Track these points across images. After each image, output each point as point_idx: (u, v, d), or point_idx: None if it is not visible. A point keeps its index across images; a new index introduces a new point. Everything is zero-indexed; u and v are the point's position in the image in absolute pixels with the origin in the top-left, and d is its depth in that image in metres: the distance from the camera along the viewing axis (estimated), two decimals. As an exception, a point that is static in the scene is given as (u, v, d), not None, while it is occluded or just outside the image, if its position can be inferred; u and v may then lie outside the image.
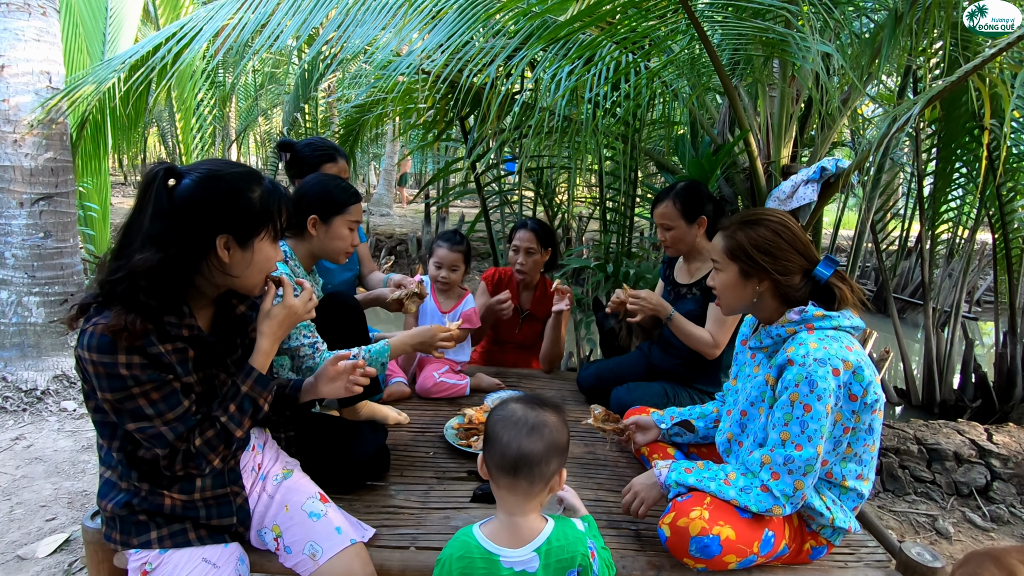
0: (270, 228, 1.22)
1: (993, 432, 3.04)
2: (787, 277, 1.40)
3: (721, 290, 1.50)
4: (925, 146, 3.98)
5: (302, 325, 1.65)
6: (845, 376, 1.30)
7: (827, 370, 1.29)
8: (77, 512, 2.41)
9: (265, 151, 16.83)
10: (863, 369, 1.31)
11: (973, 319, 7.07)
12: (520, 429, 1.12)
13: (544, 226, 2.65)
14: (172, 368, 1.17)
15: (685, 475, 1.45)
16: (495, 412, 1.19)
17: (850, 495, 1.42)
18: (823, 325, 1.36)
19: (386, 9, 2.35)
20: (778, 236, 1.40)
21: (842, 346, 1.32)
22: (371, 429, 1.81)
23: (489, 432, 1.16)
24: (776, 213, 1.44)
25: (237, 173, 1.20)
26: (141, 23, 6.45)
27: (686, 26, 2.30)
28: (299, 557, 1.31)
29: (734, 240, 1.43)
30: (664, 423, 1.82)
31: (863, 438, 1.38)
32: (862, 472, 1.41)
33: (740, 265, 1.43)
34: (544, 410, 1.17)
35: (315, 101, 7.90)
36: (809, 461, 1.31)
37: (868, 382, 1.31)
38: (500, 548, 1.12)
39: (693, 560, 1.36)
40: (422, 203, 11.43)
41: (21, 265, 3.45)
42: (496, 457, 1.13)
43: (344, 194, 1.82)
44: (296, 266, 1.77)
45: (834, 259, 1.40)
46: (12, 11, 3.31)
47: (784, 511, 1.35)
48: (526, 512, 1.15)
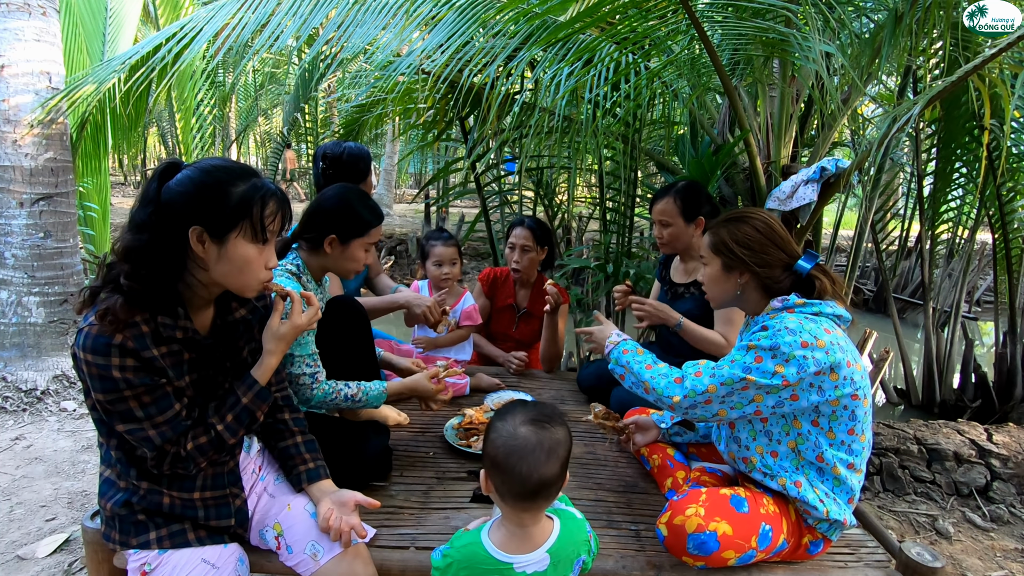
0: (246, 225, 1.17)
1: (993, 432, 3.04)
2: (766, 270, 1.48)
3: (707, 283, 1.59)
4: (925, 146, 3.98)
5: (305, 353, 1.63)
6: (817, 353, 1.33)
7: (796, 339, 1.33)
8: (77, 512, 2.41)
9: (265, 151, 16.83)
10: (836, 350, 1.34)
11: (973, 319, 7.07)
12: (537, 457, 1.10)
13: (541, 224, 2.66)
14: (165, 372, 1.17)
15: (623, 355, 1.57)
16: (501, 437, 1.14)
17: (843, 488, 1.43)
18: (804, 310, 1.42)
19: (386, 9, 2.35)
20: (757, 232, 1.49)
21: (820, 327, 1.36)
22: (374, 430, 1.81)
23: (501, 461, 1.12)
24: (758, 212, 1.54)
25: (225, 168, 1.18)
26: (141, 23, 6.46)
27: (686, 26, 2.30)
28: (300, 556, 1.31)
29: (717, 236, 1.53)
30: (664, 423, 1.82)
31: (845, 423, 1.39)
32: (853, 463, 1.42)
33: (723, 259, 1.52)
34: (552, 426, 1.15)
35: (315, 101, 7.90)
36: (733, 378, 1.37)
37: (838, 362, 1.34)
38: (512, 556, 1.12)
39: (692, 558, 1.36)
40: (422, 203, 11.43)
41: (21, 265, 3.45)
42: (515, 487, 1.11)
43: (368, 215, 1.74)
44: (308, 281, 1.73)
45: (814, 253, 1.47)
46: (12, 11, 3.31)
47: (681, 404, 1.42)
48: (538, 521, 1.15)
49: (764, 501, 1.43)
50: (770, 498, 1.45)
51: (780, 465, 1.45)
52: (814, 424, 1.40)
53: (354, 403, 1.70)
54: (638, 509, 1.68)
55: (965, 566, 2.37)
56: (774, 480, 1.45)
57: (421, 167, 13.25)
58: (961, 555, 2.44)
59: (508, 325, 2.80)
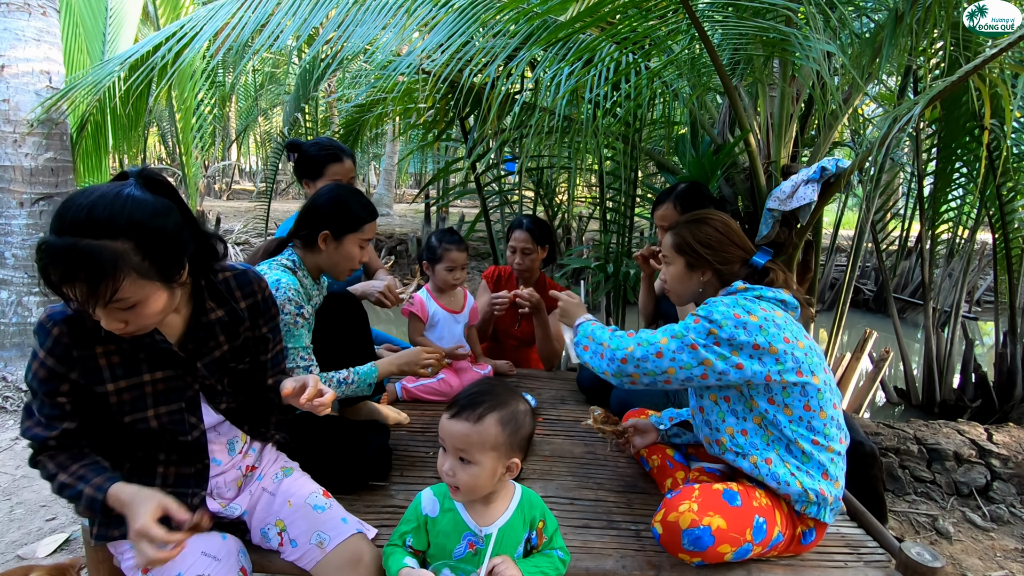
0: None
1: (993, 432, 3.04)
2: (727, 266, 1.59)
3: (671, 282, 1.69)
4: (925, 146, 3.98)
5: (300, 346, 1.63)
6: (750, 325, 1.40)
7: (728, 311, 1.43)
8: (72, 511, 2.41)
9: (265, 151, 16.84)
10: (770, 325, 1.42)
11: (973, 319, 7.07)
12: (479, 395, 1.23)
13: (539, 223, 2.67)
14: (99, 372, 1.16)
15: (591, 327, 1.65)
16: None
17: (812, 462, 1.45)
18: (745, 294, 1.51)
19: (386, 9, 2.35)
20: (717, 231, 1.59)
21: (756, 306, 1.45)
22: (373, 429, 1.81)
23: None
24: (717, 213, 1.66)
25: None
26: (141, 23, 6.46)
27: (687, 26, 2.30)
28: (305, 548, 1.31)
29: (680, 236, 1.62)
30: (663, 424, 1.82)
31: (798, 398, 1.43)
32: (817, 439, 1.45)
33: (686, 258, 1.62)
34: (510, 401, 1.22)
35: (315, 101, 7.90)
36: (683, 334, 1.45)
37: (774, 336, 1.41)
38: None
39: (688, 554, 1.36)
40: (422, 203, 11.44)
41: (21, 265, 3.45)
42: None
43: (361, 211, 1.75)
44: (304, 276, 1.74)
45: (768, 250, 1.59)
46: (12, 11, 3.31)
47: (634, 353, 1.49)
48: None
49: (757, 495, 1.44)
50: (762, 492, 1.46)
51: (751, 443, 1.48)
52: (770, 402, 1.46)
53: (347, 387, 1.70)
54: (638, 509, 1.68)
55: (965, 566, 2.37)
56: (746, 459, 1.48)
57: (421, 167, 13.27)
58: (961, 555, 2.44)
59: (511, 323, 2.81)
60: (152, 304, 1.08)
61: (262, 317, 1.37)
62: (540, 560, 1.25)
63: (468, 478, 1.16)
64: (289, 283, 1.63)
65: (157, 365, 1.22)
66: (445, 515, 1.24)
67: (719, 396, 1.53)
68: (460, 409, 1.18)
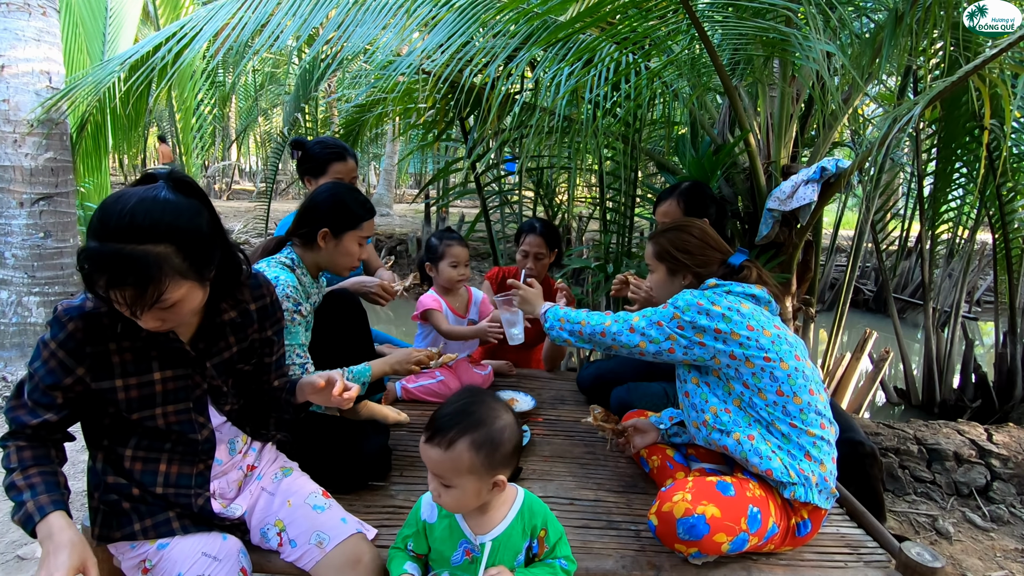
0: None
1: (993, 432, 3.04)
2: (706, 268, 1.68)
3: (655, 288, 1.77)
4: (925, 146, 3.98)
5: (296, 343, 1.63)
6: (712, 312, 1.49)
7: (692, 299, 1.53)
8: (77, 512, 2.38)
9: (265, 151, 16.84)
10: (733, 314, 1.49)
11: (973, 319, 7.07)
12: (459, 406, 1.21)
13: (550, 228, 2.67)
14: (109, 368, 1.17)
15: (560, 311, 1.75)
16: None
17: (793, 444, 1.48)
18: (715, 290, 1.59)
19: (386, 9, 2.35)
20: (695, 237, 1.69)
21: (721, 298, 1.53)
22: (373, 429, 1.81)
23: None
24: (693, 221, 1.76)
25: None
26: (141, 23, 6.46)
27: (687, 26, 2.30)
28: (305, 547, 1.31)
29: (660, 245, 1.72)
30: (663, 424, 1.82)
31: (769, 383, 1.48)
32: (794, 423, 1.48)
33: (667, 264, 1.71)
34: (495, 413, 1.20)
35: (315, 101, 7.90)
36: (653, 316, 1.57)
37: (736, 323, 1.48)
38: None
39: (684, 544, 1.36)
40: (422, 203, 11.43)
41: (21, 265, 3.45)
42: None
43: (359, 208, 1.76)
44: (303, 274, 1.75)
45: (744, 250, 1.68)
46: (12, 11, 3.31)
47: (610, 328, 1.61)
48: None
49: (750, 486, 1.45)
50: (756, 483, 1.47)
51: (733, 420, 1.53)
52: (745, 386, 1.51)
53: None
54: (638, 509, 1.68)
55: (965, 566, 2.37)
56: (729, 436, 1.51)
57: (421, 167, 13.26)
58: (961, 555, 2.44)
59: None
60: (189, 302, 1.11)
61: (269, 320, 1.38)
62: (541, 571, 1.22)
63: (451, 500, 1.16)
64: (287, 280, 1.63)
65: (168, 364, 1.23)
66: (442, 521, 1.24)
67: (700, 379, 1.59)
68: (433, 433, 1.14)
